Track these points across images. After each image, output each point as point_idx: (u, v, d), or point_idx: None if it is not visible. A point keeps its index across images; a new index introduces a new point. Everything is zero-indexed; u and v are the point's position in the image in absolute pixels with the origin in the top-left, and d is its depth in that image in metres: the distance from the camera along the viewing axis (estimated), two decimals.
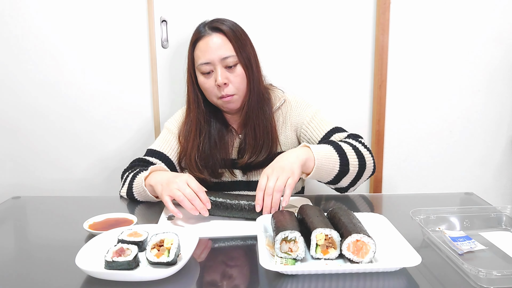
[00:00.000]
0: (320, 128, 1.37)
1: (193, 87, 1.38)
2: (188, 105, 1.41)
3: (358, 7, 1.76)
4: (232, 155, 1.41)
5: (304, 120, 1.40)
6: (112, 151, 1.84)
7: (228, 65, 1.30)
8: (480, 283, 0.79)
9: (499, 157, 1.93)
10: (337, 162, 1.20)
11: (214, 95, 1.33)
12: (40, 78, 1.76)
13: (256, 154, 1.36)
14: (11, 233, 1.10)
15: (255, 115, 1.36)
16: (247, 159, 1.36)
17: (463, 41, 1.81)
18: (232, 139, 1.41)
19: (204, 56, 1.31)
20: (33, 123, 1.80)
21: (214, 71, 1.31)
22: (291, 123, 1.42)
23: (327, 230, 0.87)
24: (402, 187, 1.92)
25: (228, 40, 1.31)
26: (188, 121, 1.40)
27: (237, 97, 1.34)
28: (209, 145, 1.38)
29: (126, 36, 1.74)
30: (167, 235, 0.87)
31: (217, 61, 1.30)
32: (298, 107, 1.43)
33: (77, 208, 1.28)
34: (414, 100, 1.86)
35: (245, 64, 1.33)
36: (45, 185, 1.85)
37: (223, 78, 1.29)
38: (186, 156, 1.39)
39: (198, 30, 1.35)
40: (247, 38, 1.36)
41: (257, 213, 1.07)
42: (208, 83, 1.33)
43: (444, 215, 1.05)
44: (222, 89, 1.31)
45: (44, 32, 1.72)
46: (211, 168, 1.38)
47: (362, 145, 1.28)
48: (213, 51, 1.30)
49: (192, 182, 1.13)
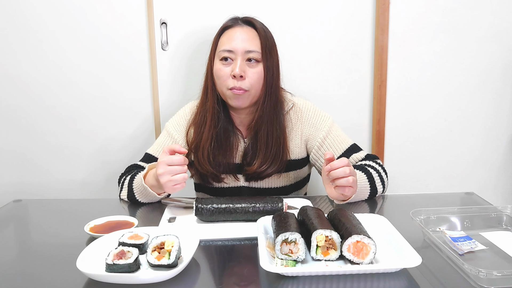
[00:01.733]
0: (336, 146, 1.36)
1: (211, 74, 1.35)
2: (206, 94, 1.36)
3: (358, 7, 1.76)
4: (236, 160, 1.39)
5: (318, 134, 1.37)
6: (112, 153, 1.84)
7: (250, 59, 1.29)
8: (481, 283, 0.79)
9: (500, 156, 1.93)
10: (367, 193, 1.27)
11: (226, 85, 1.30)
12: (39, 80, 1.76)
13: (268, 163, 1.33)
14: (12, 236, 1.11)
15: (270, 122, 1.33)
16: (257, 167, 1.33)
17: (463, 40, 1.81)
18: (237, 142, 1.39)
19: (229, 43, 1.29)
20: (35, 124, 1.81)
21: (234, 61, 1.29)
22: (302, 132, 1.39)
23: (327, 232, 0.87)
24: (402, 187, 1.92)
25: (258, 37, 1.31)
26: (202, 111, 1.36)
27: (248, 94, 1.30)
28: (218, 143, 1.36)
29: (126, 38, 1.74)
30: (168, 238, 0.87)
31: (240, 52, 1.29)
32: (311, 116, 1.39)
33: (78, 211, 1.28)
34: (414, 100, 1.86)
35: (266, 66, 1.31)
36: (47, 184, 1.85)
37: (240, 70, 1.27)
38: (199, 148, 1.34)
39: (230, 20, 1.35)
40: (275, 45, 1.35)
41: (261, 214, 1.08)
42: (224, 71, 1.30)
43: (445, 215, 1.05)
44: (237, 81, 1.28)
45: (45, 34, 1.73)
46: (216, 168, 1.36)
47: (383, 170, 1.32)
48: (240, 41, 1.29)
49: (172, 154, 1.16)
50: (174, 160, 1.13)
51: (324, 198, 1.33)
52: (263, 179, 1.38)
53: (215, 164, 1.35)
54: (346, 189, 1.11)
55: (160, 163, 1.14)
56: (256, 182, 1.40)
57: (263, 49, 1.30)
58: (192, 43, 1.75)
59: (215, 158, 1.34)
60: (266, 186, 1.41)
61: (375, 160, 1.36)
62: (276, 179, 1.40)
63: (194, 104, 1.45)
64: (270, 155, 1.33)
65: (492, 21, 1.80)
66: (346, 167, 1.09)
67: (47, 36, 1.73)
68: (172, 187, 1.14)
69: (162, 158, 1.14)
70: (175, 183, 1.13)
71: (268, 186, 1.41)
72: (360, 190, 1.21)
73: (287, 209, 1.13)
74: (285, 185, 1.42)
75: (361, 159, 1.36)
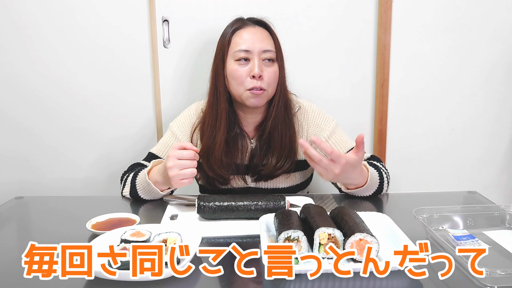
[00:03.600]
0: (339, 146, 1.37)
1: (223, 76, 1.34)
2: (215, 96, 1.34)
3: (360, 6, 1.76)
4: (244, 161, 1.38)
5: (322, 134, 1.38)
6: (114, 151, 1.84)
7: (266, 59, 1.30)
8: (484, 282, 0.78)
9: (502, 155, 1.92)
10: (376, 186, 1.26)
11: (244, 86, 1.30)
12: (41, 78, 1.76)
13: (282, 162, 1.33)
14: (14, 233, 1.11)
15: (283, 121, 1.34)
16: (273, 166, 1.33)
17: (465, 40, 1.81)
18: (245, 143, 1.38)
19: (246, 43, 1.30)
20: (36, 123, 1.81)
21: (251, 61, 1.30)
22: (307, 133, 1.40)
23: (330, 229, 0.87)
24: (405, 186, 1.92)
25: (271, 37, 1.33)
26: (213, 114, 1.34)
27: (266, 93, 1.32)
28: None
29: (128, 36, 1.74)
30: (170, 235, 0.87)
31: (257, 51, 1.29)
32: (316, 117, 1.41)
33: (80, 208, 1.28)
34: (416, 99, 1.85)
35: (279, 65, 1.34)
36: (48, 184, 1.85)
37: (259, 69, 1.28)
38: (212, 151, 1.33)
39: (238, 21, 1.35)
40: (280, 45, 1.37)
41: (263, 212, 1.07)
42: (240, 72, 1.30)
43: (448, 214, 1.05)
44: (256, 81, 1.29)
45: (46, 33, 1.73)
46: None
47: (387, 171, 1.33)
48: (256, 41, 1.30)
49: (183, 149, 1.15)
50: (185, 154, 1.14)
51: (327, 196, 1.33)
52: (273, 178, 1.38)
53: (225, 166, 1.35)
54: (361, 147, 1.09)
55: (170, 156, 1.14)
56: (264, 183, 1.40)
57: (277, 49, 1.33)
58: (194, 40, 1.75)
59: (225, 161, 1.34)
60: (273, 187, 1.41)
61: (380, 163, 1.36)
62: (284, 180, 1.41)
63: (199, 106, 1.45)
64: (284, 153, 1.34)
65: (496, 20, 1.79)
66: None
67: (47, 35, 1.73)
68: (179, 181, 1.14)
69: (173, 152, 1.14)
70: (183, 177, 1.13)
71: (275, 187, 1.41)
72: (371, 181, 1.22)
73: (289, 207, 1.13)
74: (292, 185, 1.43)
75: (366, 159, 1.36)
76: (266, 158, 1.35)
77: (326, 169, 1.07)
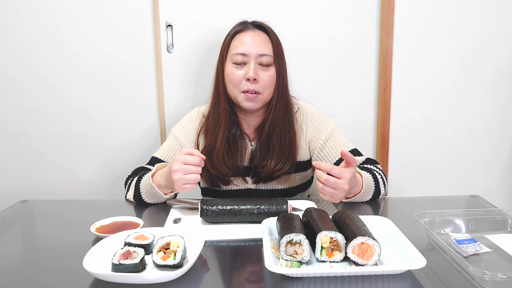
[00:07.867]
0: (337, 148, 1.38)
1: (223, 77, 1.36)
2: (217, 97, 1.38)
3: (363, 10, 1.77)
4: (245, 162, 1.40)
5: (321, 136, 1.40)
6: (118, 155, 1.85)
7: (262, 63, 1.32)
8: (486, 286, 0.79)
9: (505, 159, 1.92)
10: (372, 192, 1.26)
11: (239, 88, 1.33)
12: (46, 82, 1.78)
13: (282, 164, 1.35)
14: (19, 236, 1.12)
15: (282, 124, 1.36)
16: (272, 168, 1.35)
17: (468, 44, 1.81)
18: (245, 145, 1.40)
19: (243, 47, 1.32)
20: (40, 127, 1.82)
21: (247, 64, 1.32)
22: (306, 134, 1.42)
23: (332, 233, 0.88)
24: (407, 190, 1.92)
25: (270, 41, 1.34)
26: (215, 114, 1.38)
27: (261, 97, 1.33)
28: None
29: (132, 40, 1.75)
30: (173, 238, 0.88)
31: (254, 55, 1.31)
32: (315, 119, 1.42)
33: (84, 212, 1.29)
34: (419, 103, 1.85)
35: (278, 70, 1.34)
36: (52, 189, 1.86)
37: (254, 73, 1.30)
38: (214, 150, 1.35)
39: (240, 24, 1.37)
40: (283, 50, 1.38)
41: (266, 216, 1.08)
42: (236, 74, 1.32)
43: (449, 218, 1.05)
44: (250, 84, 1.31)
45: (49, 37, 1.74)
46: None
47: (383, 173, 1.33)
48: (253, 45, 1.31)
49: (189, 155, 1.17)
50: (190, 160, 1.15)
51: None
52: (273, 180, 1.40)
53: (227, 165, 1.36)
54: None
55: (176, 160, 1.15)
56: (264, 184, 1.41)
57: (275, 53, 1.34)
58: (197, 45, 1.76)
59: (227, 160, 1.36)
60: (274, 188, 1.43)
61: (375, 164, 1.37)
62: (284, 181, 1.42)
63: (200, 110, 1.47)
64: (284, 155, 1.36)
65: (499, 24, 1.79)
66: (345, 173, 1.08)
67: (52, 41, 1.74)
68: (182, 185, 1.15)
69: (179, 156, 1.16)
70: (186, 182, 1.15)
71: (275, 188, 1.43)
72: (367, 186, 1.22)
73: (292, 211, 1.14)
74: (291, 187, 1.44)
75: (362, 162, 1.37)
76: (265, 159, 1.37)
77: (335, 187, 1.07)
